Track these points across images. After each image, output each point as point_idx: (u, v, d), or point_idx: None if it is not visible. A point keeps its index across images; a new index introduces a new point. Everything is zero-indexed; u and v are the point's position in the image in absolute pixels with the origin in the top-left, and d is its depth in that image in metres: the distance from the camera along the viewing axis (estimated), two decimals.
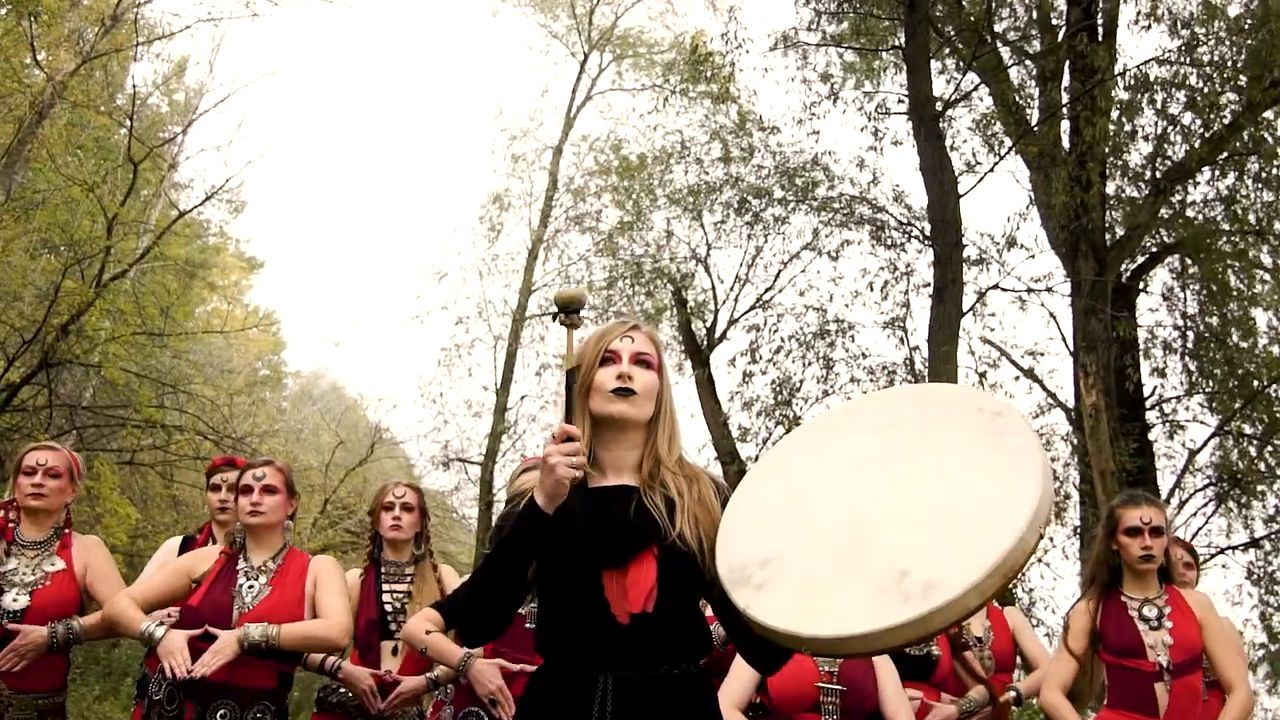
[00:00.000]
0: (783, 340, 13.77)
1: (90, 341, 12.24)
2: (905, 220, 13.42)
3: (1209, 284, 12.48)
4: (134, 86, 13.71)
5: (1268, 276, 12.55)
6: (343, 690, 4.10)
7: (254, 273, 26.80)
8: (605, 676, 2.16)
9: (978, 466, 2.07)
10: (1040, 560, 12.22)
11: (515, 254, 17.35)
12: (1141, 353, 12.65)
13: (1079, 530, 11.51)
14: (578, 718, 2.14)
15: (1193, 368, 12.79)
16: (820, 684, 3.47)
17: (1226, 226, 12.11)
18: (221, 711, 3.34)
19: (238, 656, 3.34)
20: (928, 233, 12.44)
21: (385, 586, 4.20)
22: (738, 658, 3.08)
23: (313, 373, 29.10)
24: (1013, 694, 4.50)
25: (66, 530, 3.85)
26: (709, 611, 2.41)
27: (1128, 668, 3.69)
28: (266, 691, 3.47)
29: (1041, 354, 13.41)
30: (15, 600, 3.59)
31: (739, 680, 3.45)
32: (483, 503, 16.18)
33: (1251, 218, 11.99)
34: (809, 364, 13.54)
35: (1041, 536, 2.06)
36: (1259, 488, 12.28)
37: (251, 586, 3.55)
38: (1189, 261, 12.56)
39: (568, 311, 2.30)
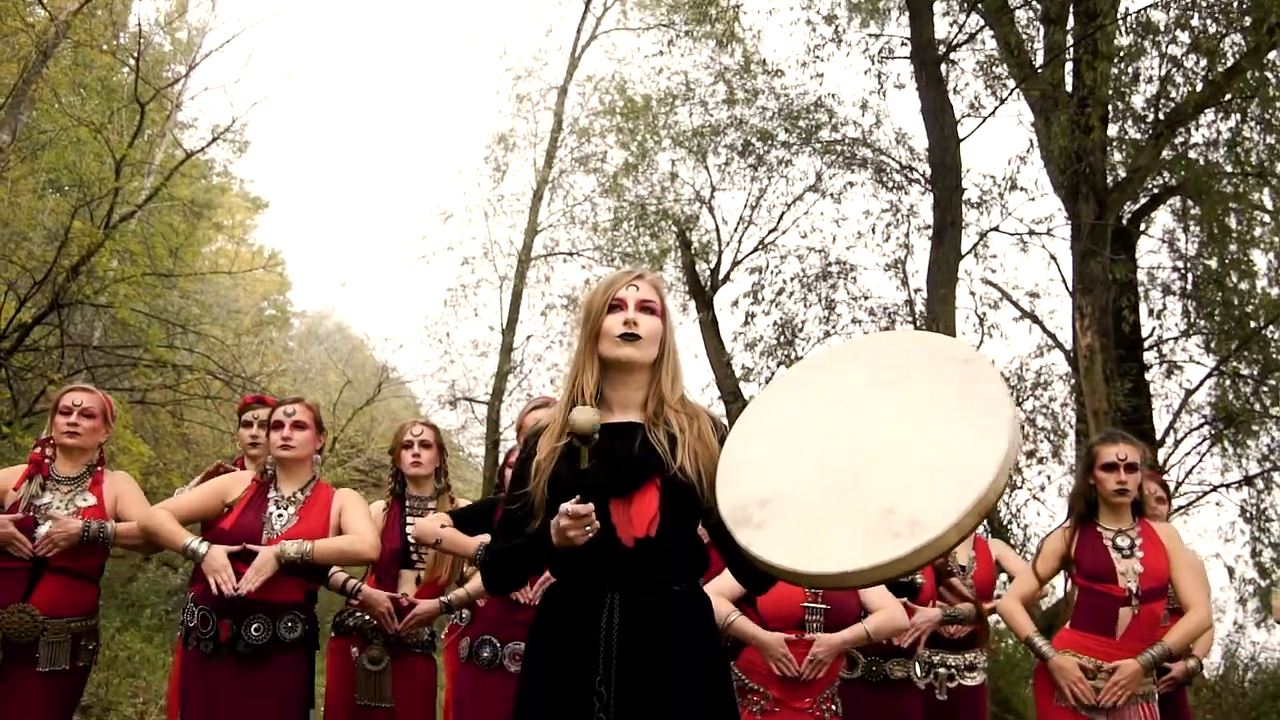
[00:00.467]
0: (785, 282, 13.93)
1: (101, 282, 12.38)
2: (906, 164, 13.53)
3: (1209, 226, 12.57)
4: (138, 24, 13.76)
5: (1267, 219, 12.66)
6: (358, 614, 4.37)
7: (259, 212, 26.90)
8: (612, 593, 2.41)
9: (953, 412, 2.29)
10: (1036, 497, 12.52)
11: (520, 195, 17.34)
12: (1140, 294, 12.82)
13: (1075, 468, 11.76)
14: (588, 629, 2.39)
15: (1191, 309, 12.94)
16: (806, 603, 3.73)
17: (1229, 169, 12.20)
18: (256, 625, 3.61)
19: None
20: (929, 176, 12.56)
21: (409, 519, 4.45)
22: None
23: (318, 312, 29.34)
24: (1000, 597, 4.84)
25: (99, 468, 4.11)
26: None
27: (1098, 591, 3.98)
28: (295, 604, 3.73)
29: (1040, 295, 13.61)
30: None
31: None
32: (489, 441, 16.32)
33: (1254, 159, 12.08)
34: (810, 305, 13.73)
35: (1011, 476, 2.29)
36: (1253, 427, 12.49)
37: (281, 515, 3.80)
38: (1190, 203, 12.65)
39: (584, 440, 2.44)
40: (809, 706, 3.67)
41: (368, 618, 4.31)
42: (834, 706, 3.77)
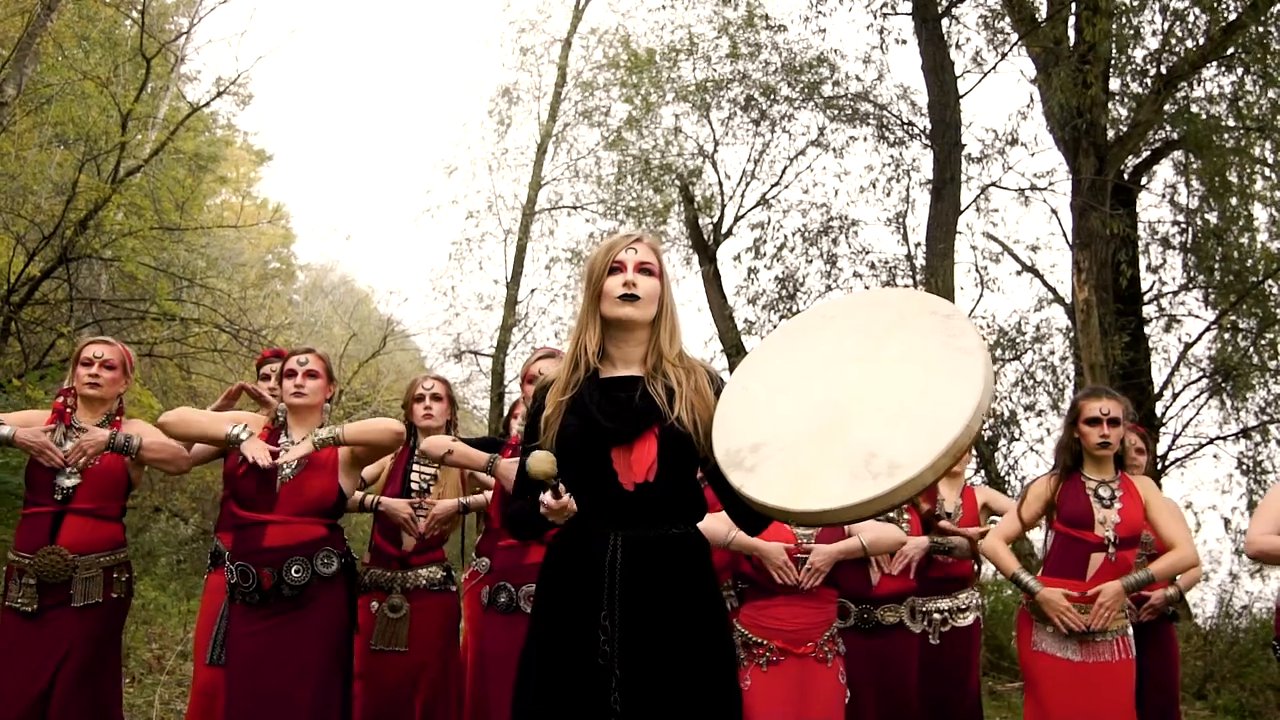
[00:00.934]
0: (786, 237, 14.06)
1: (108, 236, 12.51)
2: (908, 119, 13.60)
3: (1210, 180, 12.67)
4: None
5: (1269, 172, 12.75)
6: (374, 570, 4.59)
7: (263, 165, 26.96)
8: (615, 534, 2.60)
9: (931, 362, 2.47)
10: (1034, 449, 12.74)
11: (524, 148, 17.40)
12: (1141, 248, 12.94)
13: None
14: (592, 568, 2.59)
15: (1191, 263, 13.06)
16: (797, 555, 3.94)
17: (1230, 123, 12.27)
18: (296, 567, 3.79)
19: (286, 514, 3.82)
20: (929, 132, 12.64)
21: (415, 468, 4.65)
22: None
23: (323, 266, 29.45)
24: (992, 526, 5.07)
25: (118, 417, 4.28)
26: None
27: (1075, 537, 4.19)
28: (324, 539, 3.89)
29: (1041, 249, 13.74)
30: (69, 478, 4.03)
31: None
32: (494, 394, 16.49)
33: (1255, 113, 12.14)
34: (812, 260, 13.87)
35: (984, 422, 2.49)
36: (1251, 380, 12.67)
37: (292, 460, 3.99)
38: (1191, 158, 12.73)
39: (542, 486, 2.69)
40: (811, 651, 3.89)
41: (381, 572, 4.54)
42: (837, 647, 3.99)
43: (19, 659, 3.92)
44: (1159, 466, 12.11)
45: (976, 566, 5.35)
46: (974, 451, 12.80)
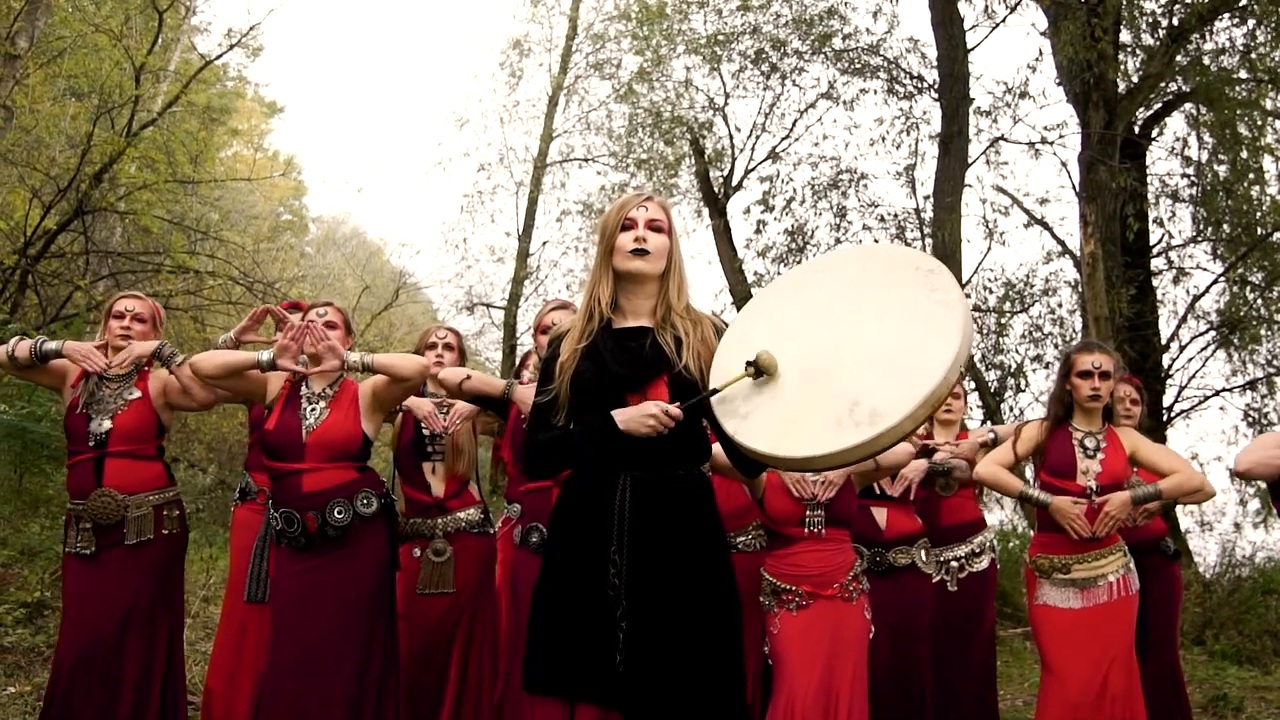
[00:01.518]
0: (796, 190, 14.17)
1: (123, 189, 12.65)
2: (917, 73, 13.64)
3: (1221, 132, 12.72)
4: None
5: (1278, 124, 12.79)
6: (414, 519, 4.72)
7: (274, 117, 27.00)
8: (625, 475, 2.79)
9: (913, 315, 2.63)
10: (1039, 400, 12.89)
11: (536, 100, 17.41)
12: (1151, 200, 13.02)
13: None
14: (604, 506, 2.78)
15: (1200, 216, 13.14)
16: (806, 502, 4.13)
17: (1242, 75, 12.29)
18: (338, 509, 3.94)
19: (316, 462, 4.00)
20: (938, 86, 12.68)
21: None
22: None
23: (334, 218, 29.56)
24: (991, 436, 5.25)
25: (146, 367, 4.47)
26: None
27: (1058, 487, 4.36)
28: (359, 480, 4.05)
29: (1050, 201, 13.80)
30: (101, 424, 4.25)
31: None
32: (506, 346, 16.63)
33: (1267, 64, 12.15)
34: (821, 213, 13.98)
35: (962, 375, 2.66)
36: (1260, 332, 12.80)
37: (314, 409, 4.10)
38: (1202, 110, 12.77)
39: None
40: (837, 592, 4.07)
41: (412, 518, 4.76)
42: (861, 585, 4.16)
43: (85, 601, 4.17)
44: (1164, 418, 12.28)
45: (978, 491, 5.56)
46: (981, 402, 13.01)
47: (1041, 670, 4.43)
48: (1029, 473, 4.95)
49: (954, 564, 5.29)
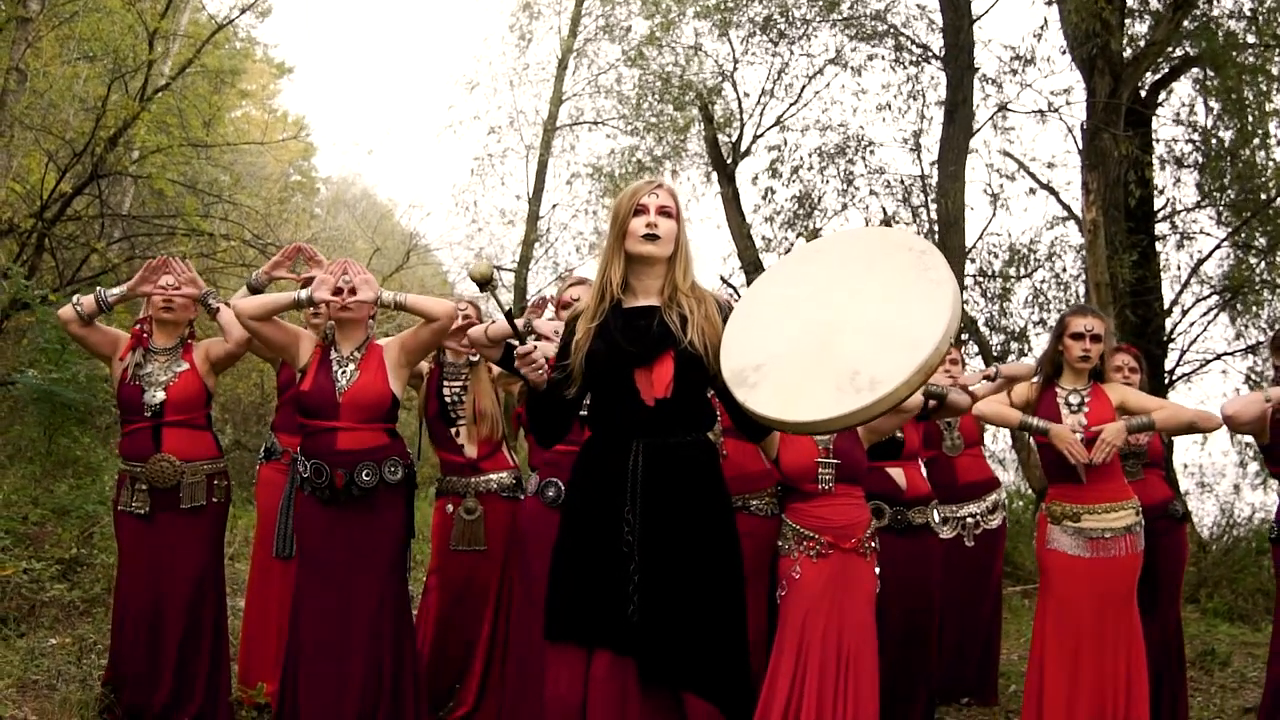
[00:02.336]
0: (803, 157, 14.34)
1: (138, 153, 12.85)
2: (923, 41, 13.76)
3: (1227, 97, 12.84)
4: None
5: None
6: (449, 477, 5.07)
7: (283, 78, 27.11)
8: (637, 442, 3.08)
9: (907, 292, 2.92)
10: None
11: (545, 63, 17.48)
12: (1157, 165, 13.17)
13: None
14: (617, 470, 3.07)
15: (1206, 181, 13.28)
16: (819, 459, 4.42)
17: (1251, 39, 12.40)
18: (366, 472, 4.25)
19: (351, 421, 4.30)
20: (943, 54, 12.80)
21: (445, 383, 5.13)
22: None
23: (344, 179, 29.69)
24: (994, 370, 5.67)
25: (190, 339, 4.81)
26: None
27: (1050, 444, 4.65)
28: (386, 446, 4.35)
29: (1057, 166, 13.95)
30: (154, 396, 4.59)
31: None
32: (516, 308, 16.73)
33: (1275, 29, 12.25)
34: (829, 179, 14.17)
35: (951, 345, 2.94)
36: (1262, 296, 12.99)
37: (345, 371, 4.39)
38: (1209, 74, 12.89)
39: (481, 286, 3.22)
40: (855, 546, 4.37)
41: (457, 478, 5.05)
42: (873, 544, 4.47)
43: (143, 559, 4.53)
44: (1166, 381, 12.51)
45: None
46: (985, 365, 13.24)
47: (1040, 612, 4.73)
48: (1005, 434, 5.24)
49: (969, 520, 5.67)
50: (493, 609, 5.03)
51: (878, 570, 4.44)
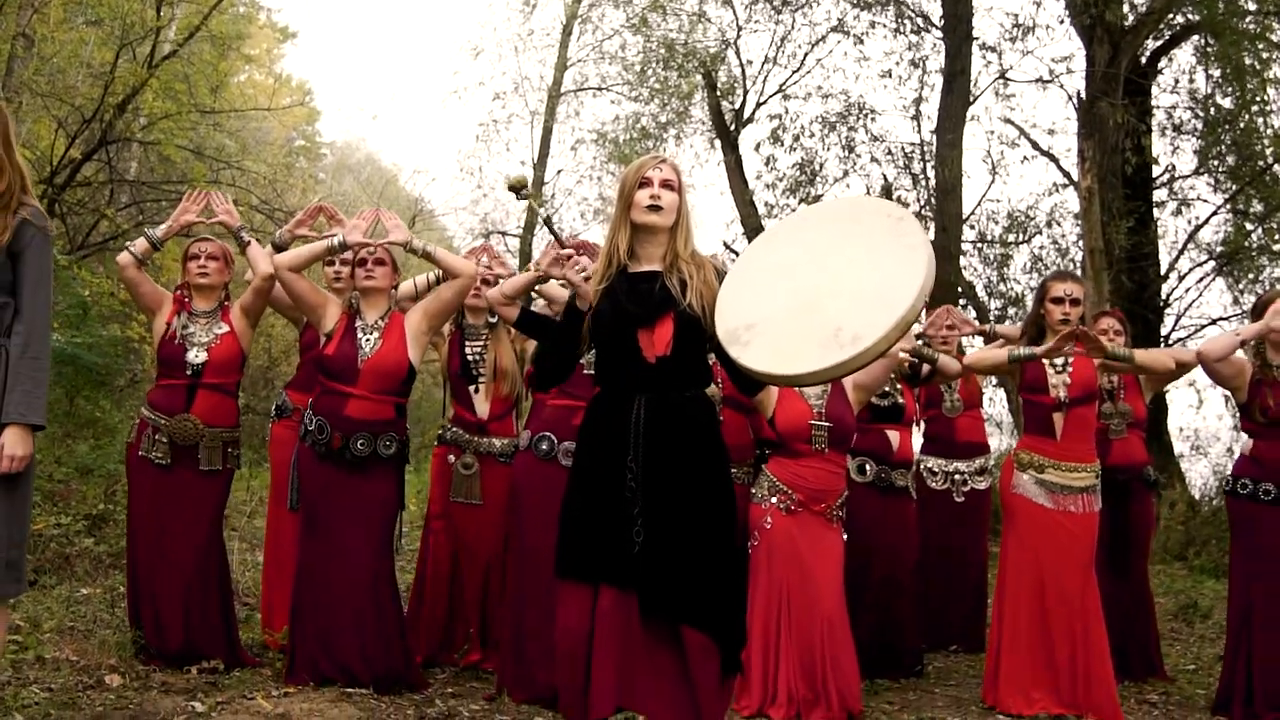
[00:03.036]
0: (804, 126, 14.56)
1: (146, 119, 13.06)
2: (923, 10, 13.94)
3: (1227, 63, 13.01)
4: None
5: None
6: (456, 429, 5.40)
7: (286, 42, 27.25)
8: (640, 397, 3.37)
9: (885, 256, 3.20)
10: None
11: (549, 29, 17.73)
12: (1155, 133, 13.39)
13: None
14: (621, 423, 3.36)
15: (1205, 149, 13.48)
16: (812, 421, 4.74)
17: (1251, 6, 12.55)
18: (360, 441, 4.64)
19: (367, 389, 4.66)
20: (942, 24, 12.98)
21: (466, 343, 5.43)
22: None
23: (348, 143, 29.89)
24: (988, 327, 6.09)
25: (226, 303, 5.16)
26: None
27: (1034, 401, 5.01)
28: (390, 422, 4.73)
29: (1057, 133, 14.17)
30: (197, 356, 4.92)
31: None
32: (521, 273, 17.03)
33: None
34: (830, 147, 14.40)
35: (925, 303, 3.23)
36: (1260, 261, 13.22)
37: (369, 339, 4.77)
38: (1209, 41, 13.07)
39: (516, 192, 3.62)
40: (824, 510, 4.74)
41: (463, 432, 5.37)
42: (841, 513, 4.83)
43: (155, 507, 4.88)
44: (1162, 346, 12.79)
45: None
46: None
47: (1003, 551, 5.08)
48: (1002, 399, 5.56)
49: (957, 477, 6.06)
50: (489, 562, 5.35)
51: (844, 538, 4.80)
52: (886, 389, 5.51)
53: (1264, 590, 4.95)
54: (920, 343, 5.64)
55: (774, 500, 4.72)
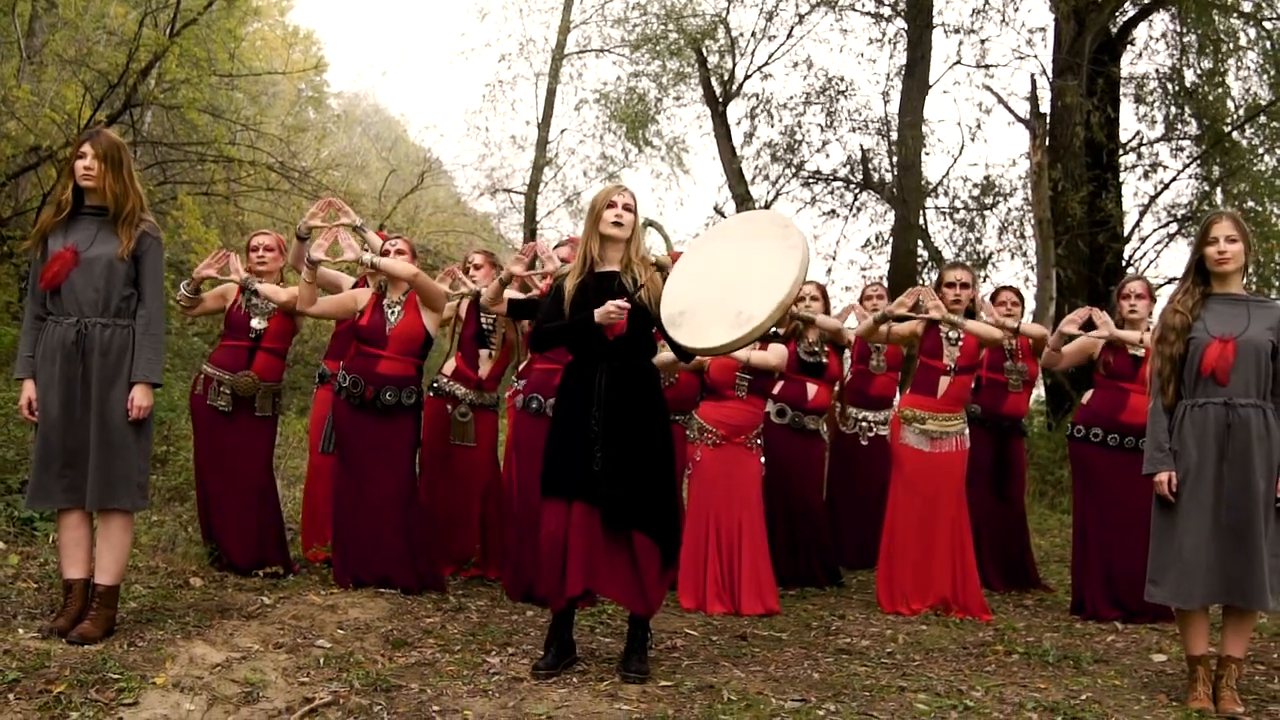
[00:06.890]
0: (788, 98, 15.69)
1: (167, 84, 14.01)
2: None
3: (1194, 33, 14.01)
4: None
5: (1252, 32, 14.10)
6: (456, 383, 6.63)
7: None
8: (602, 365, 4.65)
9: (772, 255, 4.44)
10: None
11: None
12: (1124, 102, 14.45)
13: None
14: (589, 385, 4.62)
15: (1170, 115, 14.52)
16: (738, 371, 6.16)
17: None
18: (389, 392, 5.96)
19: (395, 351, 6.00)
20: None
21: (482, 315, 6.65)
22: None
23: (355, 94, 30.75)
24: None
25: (281, 283, 6.41)
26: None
27: (929, 365, 6.34)
28: (411, 378, 6.05)
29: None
30: (260, 324, 6.20)
31: None
32: (527, 230, 18.13)
33: None
34: (812, 118, 15.51)
35: (801, 289, 4.56)
36: None
37: (394, 312, 6.06)
38: (1175, 12, 14.04)
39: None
40: (744, 441, 6.16)
41: (459, 385, 6.62)
42: (759, 441, 6.26)
43: (217, 446, 6.19)
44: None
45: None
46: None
47: (892, 489, 6.37)
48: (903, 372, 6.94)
49: (864, 425, 7.39)
50: (484, 491, 6.67)
51: (762, 459, 6.23)
52: (815, 349, 6.92)
53: (1096, 515, 6.31)
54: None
55: (702, 438, 6.15)
